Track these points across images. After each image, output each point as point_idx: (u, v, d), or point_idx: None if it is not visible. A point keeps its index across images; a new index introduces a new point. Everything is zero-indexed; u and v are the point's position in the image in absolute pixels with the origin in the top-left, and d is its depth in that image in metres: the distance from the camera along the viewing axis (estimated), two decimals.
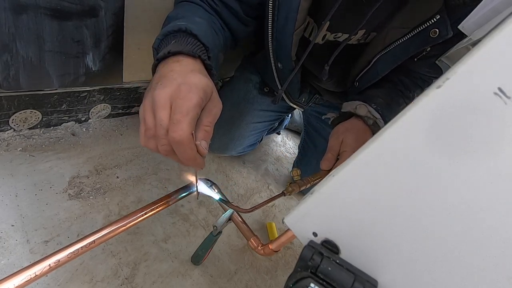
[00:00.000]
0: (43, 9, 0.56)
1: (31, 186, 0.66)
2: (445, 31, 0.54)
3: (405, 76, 0.73)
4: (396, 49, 0.61)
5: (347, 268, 0.29)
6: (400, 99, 0.72)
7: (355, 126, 0.65)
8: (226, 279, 0.68)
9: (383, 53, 0.63)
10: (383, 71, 0.65)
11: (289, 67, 0.69)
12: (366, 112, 0.65)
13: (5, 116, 0.68)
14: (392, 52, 0.62)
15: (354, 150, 0.64)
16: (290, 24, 0.59)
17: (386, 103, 0.68)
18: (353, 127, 0.65)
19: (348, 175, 0.30)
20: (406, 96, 0.73)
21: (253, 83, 0.89)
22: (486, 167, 0.25)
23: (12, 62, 0.58)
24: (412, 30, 0.57)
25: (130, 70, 0.81)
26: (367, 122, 0.65)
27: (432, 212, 0.27)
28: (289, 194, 0.56)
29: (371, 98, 0.68)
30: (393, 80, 0.73)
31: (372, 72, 0.67)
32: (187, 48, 0.43)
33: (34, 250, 0.57)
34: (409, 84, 0.73)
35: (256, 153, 1.09)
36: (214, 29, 0.54)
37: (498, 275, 0.26)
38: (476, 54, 0.23)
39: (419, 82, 0.73)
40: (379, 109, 0.66)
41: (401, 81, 0.73)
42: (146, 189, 0.77)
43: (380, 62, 0.64)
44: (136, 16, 0.71)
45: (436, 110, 0.25)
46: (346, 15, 0.59)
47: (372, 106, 0.66)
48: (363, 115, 0.65)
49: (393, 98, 0.71)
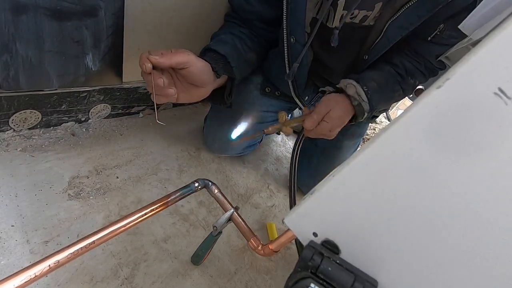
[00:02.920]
0: (43, 9, 0.56)
1: (31, 186, 0.66)
2: None
3: (410, 60, 0.72)
4: (407, 13, 0.61)
5: (347, 268, 0.29)
6: (396, 85, 0.72)
7: (343, 103, 0.67)
8: (226, 279, 0.68)
9: (394, 19, 0.62)
10: (394, 39, 0.65)
11: (301, 40, 0.70)
12: (354, 92, 0.67)
13: (5, 116, 0.68)
14: (402, 17, 0.61)
15: (334, 126, 0.68)
16: None
17: (379, 87, 0.69)
18: (341, 103, 0.67)
19: (348, 175, 0.30)
20: (405, 82, 0.73)
21: (254, 84, 0.89)
22: (487, 167, 0.25)
23: (12, 62, 0.58)
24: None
25: (130, 70, 0.81)
26: (352, 102, 0.67)
27: (432, 212, 0.27)
28: (268, 133, 0.62)
29: (365, 80, 0.68)
30: (396, 63, 0.72)
31: (382, 42, 0.67)
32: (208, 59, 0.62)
33: (34, 250, 0.57)
34: (412, 69, 0.72)
35: (256, 153, 1.09)
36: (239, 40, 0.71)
37: (498, 274, 0.26)
38: (476, 54, 0.23)
39: (423, 69, 0.73)
40: (369, 92, 0.67)
41: (404, 65, 0.72)
42: (146, 189, 0.77)
43: (391, 28, 0.64)
44: (136, 16, 0.71)
45: (436, 110, 0.25)
46: None
47: (364, 89, 0.67)
48: (350, 94, 0.67)
49: (389, 83, 0.71)
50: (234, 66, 0.66)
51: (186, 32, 0.84)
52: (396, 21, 0.62)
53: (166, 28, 0.79)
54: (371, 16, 0.66)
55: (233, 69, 0.66)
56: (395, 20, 0.62)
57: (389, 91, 0.72)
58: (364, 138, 1.06)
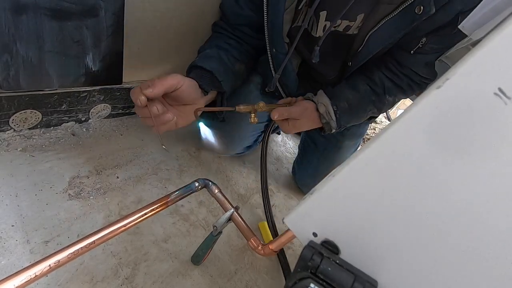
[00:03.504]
0: (43, 9, 0.56)
1: (31, 186, 0.66)
2: (429, 7, 0.55)
3: (391, 77, 0.73)
4: (387, 26, 0.61)
5: (347, 268, 0.29)
6: (370, 105, 0.74)
7: (314, 118, 0.73)
8: (226, 279, 0.68)
9: (374, 30, 0.63)
10: (375, 49, 0.66)
11: (282, 50, 0.71)
12: (324, 111, 0.71)
13: (5, 116, 0.68)
14: (382, 29, 0.62)
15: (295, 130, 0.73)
16: (281, 4, 0.63)
17: (350, 109, 0.72)
18: (313, 117, 0.72)
19: (348, 175, 0.30)
20: (381, 101, 0.74)
21: (254, 83, 0.89)
22: (487, 167, 0.25)
23: (12, 62, 0.58)
24: (399, 6, 0.58)
25: (130, 70, 0.81)
26: (321, 120, 0.72)
27: (432, 212, 0.27)
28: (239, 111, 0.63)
29: (339, 99, 0.72)
30: (375, 80, 0.73)
31: (364, 51, 0.67)
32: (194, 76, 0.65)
33: (34, 250, 0.57)
34: (390, 88, 0.73)
35: (256, 153, 1.09)
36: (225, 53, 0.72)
37: (498, 274, 0.26)
38: (476, 54, 0.23)
39: (404, 85, 0.73)
40: (338, 112, 0.71)
41: (383, 83, 0.73)
42: (146, 189, 0.77)
43: (372, 39, 0.65)
44: (136, 16, 0.71)
45: (436, 110, 0.25)
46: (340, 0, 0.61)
47: (333, 108, 0.71)
48: (321, 112, 0.71)
49: (362, 104, 0.74)
50: (222, 80, 0.68)
51: (186, 32, 0.84)
52: (377, 33, 0.63)
53: (166, 28, 0.79)
54: (354, 26, 0.66)
55: (221, 83, 0.68)
56: (375, 32, 0.63)
57: (361, 111, 0.75)
58: (364, 138, 1.06)
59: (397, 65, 0.71)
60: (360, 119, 0.77)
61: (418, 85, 0.73)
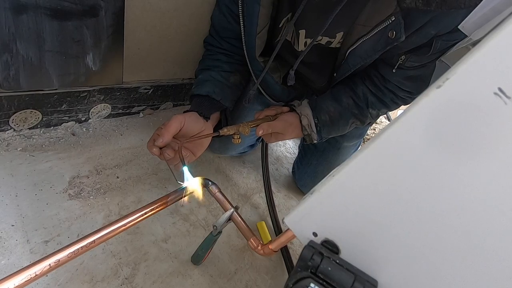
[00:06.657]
0: (43, 9, 0.56)
1: (31, 186, 0.66)
2: (399, 33, 0.56)
3: (375, 92, 0.73)
4: (364, 46, 0.62)
5: (347, 268, 0.29)
6: (351, 118, 0.75)
7: (297, 130, 0.76)
8: (226, 279, 0.68)
9: (353, 48, 0.64)
10: (355, 66, 0.66)
11: (258, 68, 0.75)
12: (307, 123, 0.74)
13: (5, 116, 0.68)
14: (360, 47, 0.63)
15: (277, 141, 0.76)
16: (253, 28, 0.66)
17: (331, 122, 0.74)
18: (296, 129, 0.75)
19: (348, 175, 0.30)
20: (364, 114, 0.75)
21: (253, 83, 0.89)
22: (487, 166, 0.25)
23: (12, 62, 0.58)
24: (373, 29, 0.59)
25: (130, 70, 0.81)
26: (303, 132, 0.75)
27: (432, 212, 0.27)
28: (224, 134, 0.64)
29: (321, 111, 0.74)
30: (359, 94, 0.74)
31: (345, 66, 0.68)
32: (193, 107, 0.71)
33: (34, 250, 0.57)
34: (374, 102, 0.74)
35: (256, 153, 1.09)
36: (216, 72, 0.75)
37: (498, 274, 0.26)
38: (476, 54, 0.23)
39: (388, 100, 0.73)
40: (319, 125, 0.74)
41: (366, 98, 0.74)
42: (146, 189, 0.77)
43: (351, 56, 0.65)
44: (136, 16, 0.71)
45: (436, 110, 0.25)
46: (319, 18, 0.62)
47: (315, 121, 0.74)
48: (303, 124, 0.75)
49: (343, 117, 0.75)
50: (220, 99, 0.72)
51: (186, 32, 0.84)
52: (356, 50, 0.64)
53: (166, 28, 0.79)
54: (335, 41, 0.67)
55: (221, 101, 0.72)
56: (354, 49, 0.64)
57: (343, 124, 0.76)
58: (364, 138, 1.06)
59: (382, 79, 0.71)
60: (342, 131, 0.78)
61: (403, 99, 0.73)
